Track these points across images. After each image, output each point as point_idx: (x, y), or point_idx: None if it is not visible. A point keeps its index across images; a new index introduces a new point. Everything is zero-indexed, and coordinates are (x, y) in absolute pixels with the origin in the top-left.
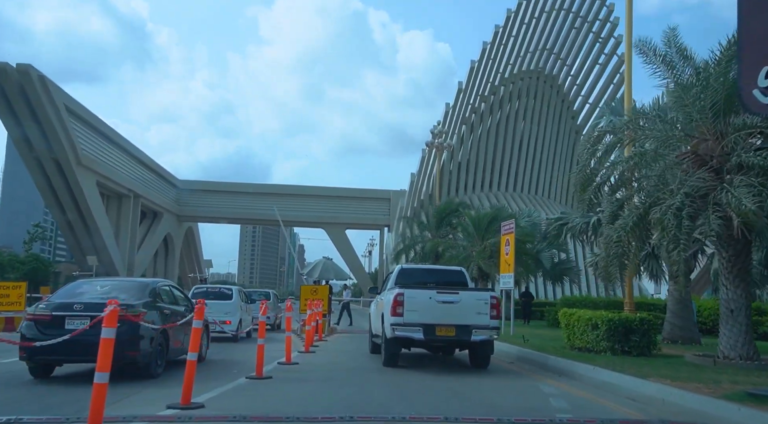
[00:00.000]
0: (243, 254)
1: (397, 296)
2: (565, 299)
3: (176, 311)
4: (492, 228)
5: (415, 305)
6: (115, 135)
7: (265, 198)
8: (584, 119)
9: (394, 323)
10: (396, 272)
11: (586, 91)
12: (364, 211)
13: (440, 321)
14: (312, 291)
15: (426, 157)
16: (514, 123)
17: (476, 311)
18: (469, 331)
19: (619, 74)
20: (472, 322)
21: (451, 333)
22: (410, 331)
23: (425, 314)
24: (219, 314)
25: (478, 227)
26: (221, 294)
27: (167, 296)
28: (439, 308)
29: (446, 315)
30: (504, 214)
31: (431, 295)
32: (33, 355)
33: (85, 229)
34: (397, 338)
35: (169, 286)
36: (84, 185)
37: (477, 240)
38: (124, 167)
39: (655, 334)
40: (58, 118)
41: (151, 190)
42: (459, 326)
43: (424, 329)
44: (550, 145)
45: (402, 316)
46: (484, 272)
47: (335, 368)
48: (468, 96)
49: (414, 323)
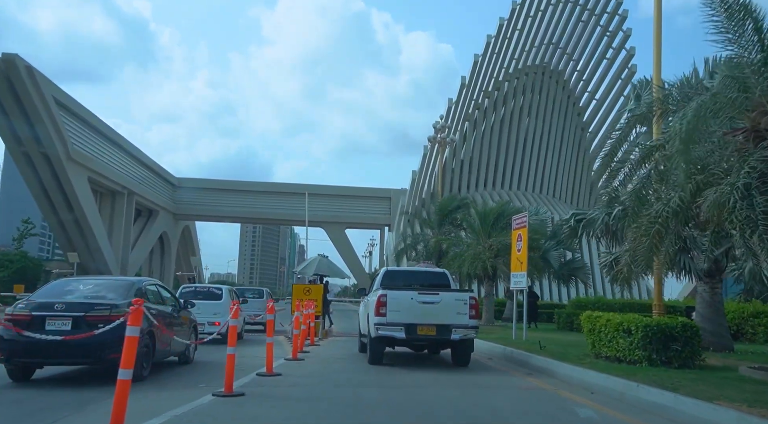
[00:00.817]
0: (243, 253)
1: (380, 297)
2: (577, 301)
3: (163, 311)
4: (499, 224)
5: (397, 305)
6: (109, 130)
7: (263, 196)
8: (590, 116)
9: (378, 322)
10: (381, 274)
11: (592, 87)
12: (364, 210)
13: (421, 321)
14: (305, 291)
15: (428, 154)
16: (519, 120)
17: (456, 311)
18: (449, 330)
19: (627, 69)
20: (452, 321)
21: (432, 332)
22: (393, 330)
23: (407, 314)
24: (208, 314)
25: (484, 223)
26: (210, 294)
27: (154, 296)
28: (421, 309)
29: (427, 315)
30: (511, 209)
31: (413, 296)
32: (11, 357)
33: (76, 226)
34: (380, 337)
35: (155, 285)
36: (75, 181)
37: (483, 237)
38: (118, 163)
39: (698, 342)
40: (46, 111)
41: (146, 188)
42: (439, 325)
43: (406, 329)
44: (555, 142)
45: (385, 316)
46: (491, 271)
47: (323, 381)
48: (471, 92)
49: (396, 322)
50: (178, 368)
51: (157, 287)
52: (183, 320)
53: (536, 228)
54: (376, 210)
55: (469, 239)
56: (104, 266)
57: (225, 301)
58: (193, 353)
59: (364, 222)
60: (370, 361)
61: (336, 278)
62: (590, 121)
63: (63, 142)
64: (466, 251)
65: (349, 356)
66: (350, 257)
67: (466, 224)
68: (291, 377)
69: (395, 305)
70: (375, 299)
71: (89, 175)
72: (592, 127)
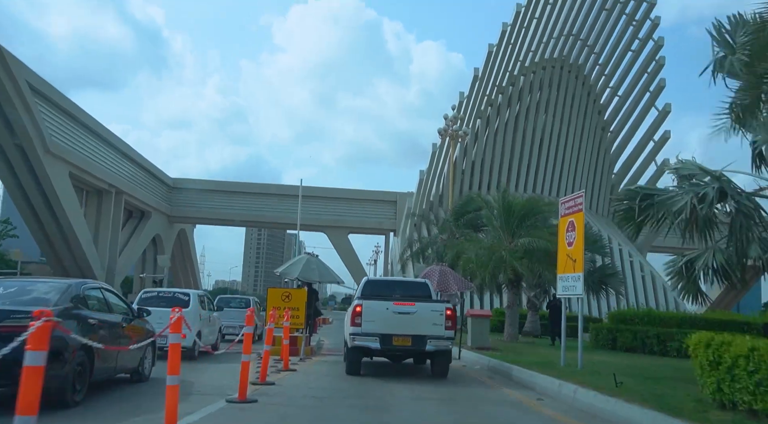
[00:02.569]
0: (247, 260)
1: (355, 306)
2: (618, 314)
3: (108, 321)
4: (525, 223)
5: (372, 315)
6: (94, 123)
7: (263, 199)
8: (612, 114)
9: (353, 332)
10: (362, 284)
11: (615, 82)
12: (368, 214)
13: (396, 331)
14: (283, 296)
15: (437, 153)
16: (535, 117)
17: (432, 321)
18: (425, 341)
19: (654, 62)
20: (428, 332)
21: (407, 343)
22: (368, 340)
23: (382, 324)
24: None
25: (507, 221)
26: (175, 300)
27: (97, 302)
28: (396, 319)
29: (402, 325)
30: (542, 204)
31: (388, 306)
32: None
33: (56, 226)
34: (356, 347)
35: (100, 289)
36: (54, 177)
37: (506, 237)
38: (104, 159)
39: None
40: (19, 97)
41: (137, 187)
42: (415, 336)
43: (381, 339)
44: (573, 142)
45: (360, 326)
46: (518, 276)
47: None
48: (484, 87)
49: (371, 332)
50: (128, 389)
51: (102, 292)
52: (136, 331)
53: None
54: (380, 214)
55: (490, 240)
56: (88, 270)
57: (193, 309)
58: (149, 370)
59: (368, 226)
60: (347, 371)
61: (328, 282)
62: (611, 120)
63: (39, 133)
64: (484, 255)
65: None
66: (353, 263)
67: (486, 220)
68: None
69: (370, 314)
70: (351, 309)
71: (70, 170)
72: (614, 127)
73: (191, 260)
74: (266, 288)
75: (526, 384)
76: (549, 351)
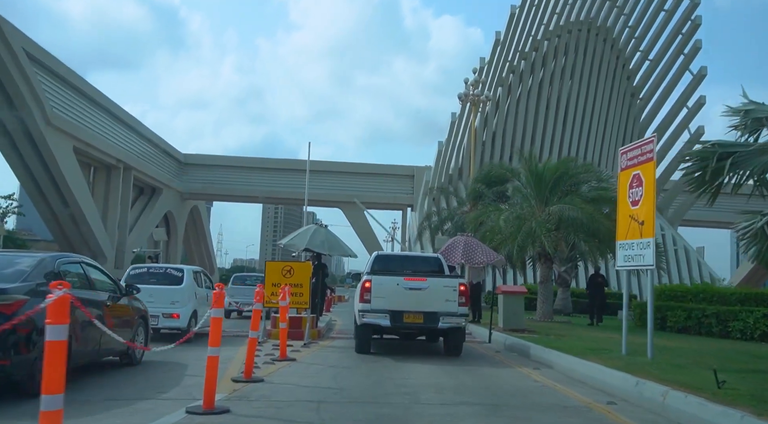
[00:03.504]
0: (265, 237)
1: (364, 282)
2: (668, 290)
3: (89, 299)
4: (558, 188)
5: (382, 291)
6: (100, 96)
7: (279, 174)
8: (642, 80)
9: (362, 309)
10: (372, 259)
11: (646, 45)
12: (384, 189)
13: (408, 308)
14: (284, 271)
15: (456, 123)
16: (559, 85)
17: (444, 298)
18: (437, 318)
19: (690, 21)
20: (440, 309)
21: (419, 320)
22: (377, 317)
23: (392, 300)
24: (164, 303)
25: (538, 187)
26: (167, 276)
27: (77, 278)
28: (407, 295)
29: (414, 302)
30: (578, 168)
31: (399, 282)
32: None
33: (61, 202)
34: (365, 325)
35: (80, 263)
36: (56, 151)
37: (538, 206)
38: (111, 133)
39: None
40: (15, 65)
41: (147, 163)
42: (427, 312)
43: (392, 316)
44: (601, 110)
45: (370, 302)
46: (550, 250)
47: None
48: (505, 53)
49: (381, 309)
50: (116, 374)
51: (82, 266)
52: (124, 310)
53: (606, 196)
54: (397, 189)
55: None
56: (97, 248)
57: (187, 286)
58: (141, 352)
59: (385, 202)
60: (357, 349)
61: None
62: (641, 86)
63: (39, 104)
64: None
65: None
66: (370, 239)
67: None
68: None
69: (380, 291)
70: (360, 285)
71: (75, 144)
72: (644, 93)
73: (205, 238)
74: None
75: (585, 380)
76: (594, 333)
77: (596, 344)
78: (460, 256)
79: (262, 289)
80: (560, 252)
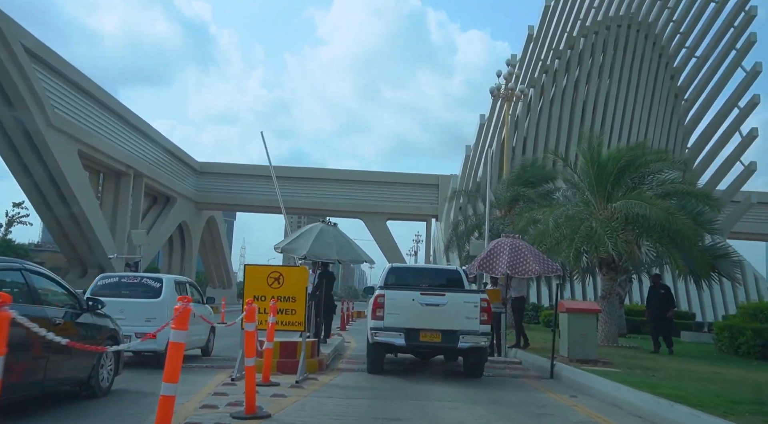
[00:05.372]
0: None
1: (377, 297)
2: (753, 308)
3: (36, 315)
4: (623, 181)
5: (396, 307)
6: (108, 98)
7: (297, 183)
8: (687, 79)
9: (375, 326)
10: (386, 271)
11: (692, 42)
12: (408, 199)
13: (424, 326)
14: (270, 278)
15: (485, 126)
16: (597, 85)
17: (465, 315)
18: (456, 337)
19: (744, 12)
20: (460, 327)
21: (436, 339)
22: (391, 336)
23: (408, 317)
24: (137, 320)
25: (599, 178)
26: (143, 288)
27: (18, 291)
28: (424, 311)
29: (431, 319)
30: (650, 155)
31: (414, 297)
32: None
33: (65, 209)
34: (377, 344)
35: (21, 271)
36: (59, 154)
37: (599, 201)
38: (120, 138)
39: None
40: (13, 61)
41: (159, 170)
42: (445, 331)
43: (407, 334)
44: (642, 112)
45: (382, 319)
46: (616, 256)
47: None
48: (538, 51)
49: (395, 327)
50: (66, 409)
51: (23, 275)
52: (85, 329)
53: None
54: (421, 199)
55: (572, 207)
56: (105, 259)
57: (166, 299)
58: (109, 381)
59: (408, 212)
60: (368, 370)
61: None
62: (686, 86)
63: (39, 104)
64: (569, 225)
65: None
66: (392, 251)
67: (565, 182)
68: None
69: (394, 306)
70: (372, 299)
71: (80, 148)
72: (689, 93)
73: (222, 250)
74: None
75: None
76: (690, 366)
77: (720, 386)
78: (505, 264)
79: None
80: (633, 258)
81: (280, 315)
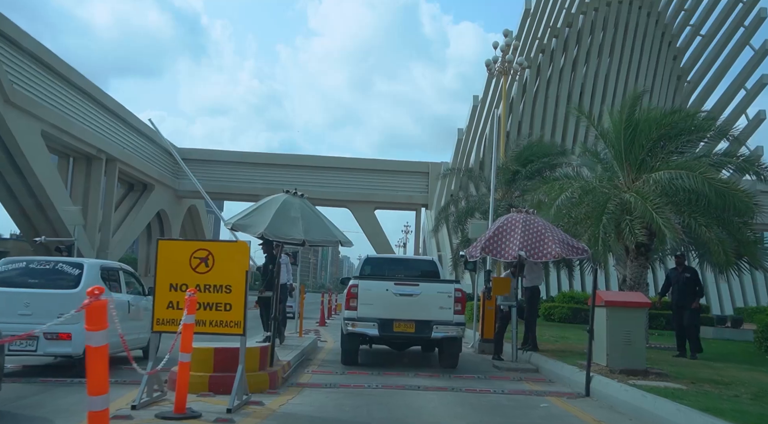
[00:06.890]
0: None
1: (351, 287)
2: None
3: None
4: (660, 149)
5: (370, 297)
6: (77, 77)
7: (282, 170)
8: (691, 59)
9: (348, 317)
10: (361, 262)
11: (697, 20)
12: (397, 187)
13: (398, 316)
14: (193, 257)
15: (478, 107)
16: (596, 65)
17: (438, 305)
18: (430, 327)
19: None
20: (434, 317)
21: (410, 329)
22: (365, 326)
23: (381, 307)
24: (47, 316)
25: (631, 144)
26: (57, 275)
27: None
28: (398, 302)
29: (405, 309)
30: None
31: (388, 287)
32: None
33: (28, 194)
34: (351, 334)
35: None
36: (18, 133)
37: (628, 172)
38: (89, 119)
39: None
40: None
41: (134, 155)
42: (419, 321)
43: (380, 325)
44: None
45: (356, 309)
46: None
47: None
48: (534, 29)
49: (369, 317)
50: None
51: None
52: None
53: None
54: (411, 187)
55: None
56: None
57: (85, 290)
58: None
59: (398, 201)
60: (342, 360)
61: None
62: (690, 67)
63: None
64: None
65: None
66: (381, 241)
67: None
68: None
69: (367, 297)
70: (346, 290)
71: (43, 128)
72: (693, 74)
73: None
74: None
75: None
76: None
77: None
78: (518, 245)
79: (193, 295)
80: (679, 241)
81: (208, 312)
